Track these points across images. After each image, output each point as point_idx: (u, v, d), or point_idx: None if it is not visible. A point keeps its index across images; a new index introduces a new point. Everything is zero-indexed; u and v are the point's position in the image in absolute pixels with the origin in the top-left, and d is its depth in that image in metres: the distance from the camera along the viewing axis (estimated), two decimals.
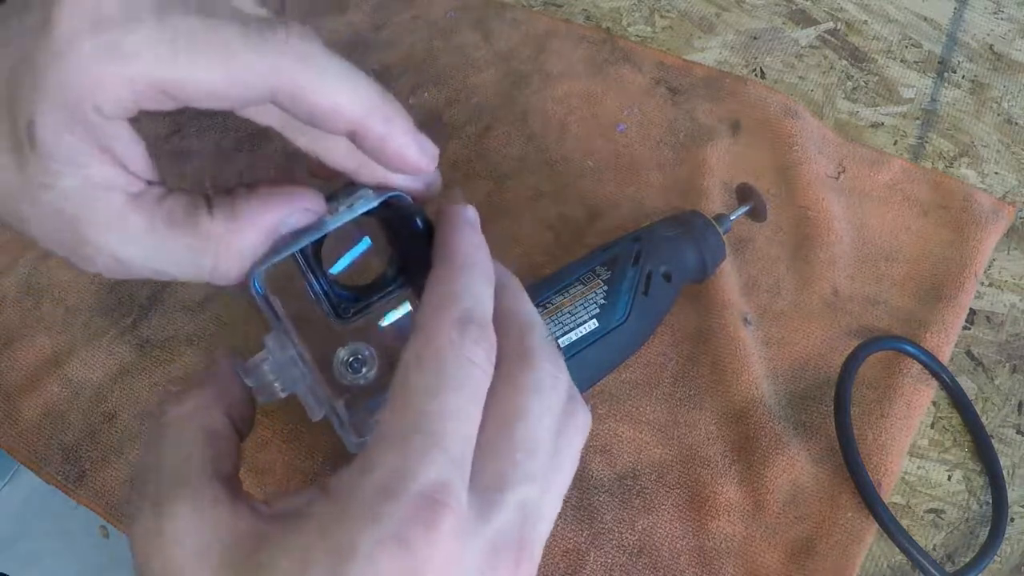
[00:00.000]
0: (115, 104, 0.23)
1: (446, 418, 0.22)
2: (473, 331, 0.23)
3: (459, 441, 0.22)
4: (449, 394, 0.22)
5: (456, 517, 0.21)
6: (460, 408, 0.22)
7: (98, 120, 0.23)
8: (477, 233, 0.27)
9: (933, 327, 0.44)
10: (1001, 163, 0.51)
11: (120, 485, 0.41)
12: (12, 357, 0.45)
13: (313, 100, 0.24)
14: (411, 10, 0.60)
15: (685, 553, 0.39)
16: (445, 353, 0.23)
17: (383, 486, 0.21)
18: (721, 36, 0.58)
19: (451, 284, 0.24)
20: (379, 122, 0.26)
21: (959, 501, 0.40)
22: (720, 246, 0.43)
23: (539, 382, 0.24)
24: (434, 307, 0.24)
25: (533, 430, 0.23)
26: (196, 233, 0.25)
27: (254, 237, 0.25)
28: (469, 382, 0.23)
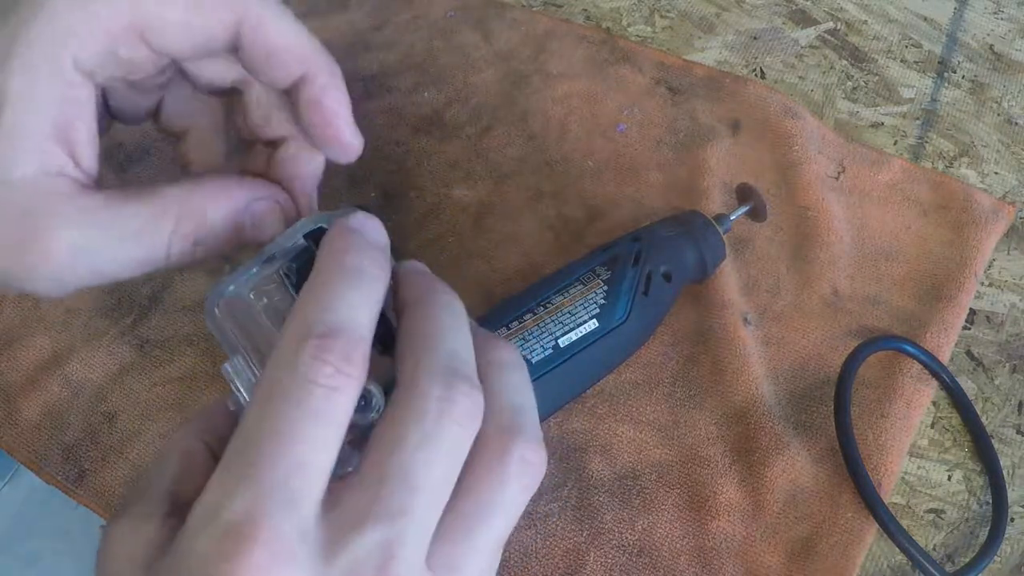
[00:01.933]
0: (92, 53, 0.23)
1: (263, 443, 0.20)
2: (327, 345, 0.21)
3: (278, 467, 0.20)
4: (274, 419, 0.20)
5: (269, 551, 0.19)
6: (284, 432, 0.20)
7: (73, 79, 0.23)
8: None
9: (933, 327, 0.44)
10: (1001, 163, 0.51)
11: (120, 485, 0.41)
12: (12, 357, 0.45)
13: (273, 38, 0.25)
14: (411, 10, 0.60)
15: (685, 553, 0.39)
16: (284, 375, 0.21)
17: (202, 518, 0.20)
18: (721, 36, 0.58)
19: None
20: (325, 71, 0.26)
21: (959, 501, 0.40)
22: (720, 246, 0.43)
23: (421, 409, 0.22)
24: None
25: (408, 460, 0.21)
26: (155, 199, 0.25)
27: (218, 207, 0.25)
28: (310, 404, 0.20)
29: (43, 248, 0.23)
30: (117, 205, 0.24)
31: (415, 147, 0.53)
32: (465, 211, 0.50)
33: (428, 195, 0.50)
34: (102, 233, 0.24)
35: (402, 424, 0.21)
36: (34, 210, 0.23)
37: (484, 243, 0.48)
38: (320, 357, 0.21)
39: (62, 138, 0.24)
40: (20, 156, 0.23)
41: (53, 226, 0.23)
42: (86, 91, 0.24)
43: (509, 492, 0.23)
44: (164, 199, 0.25)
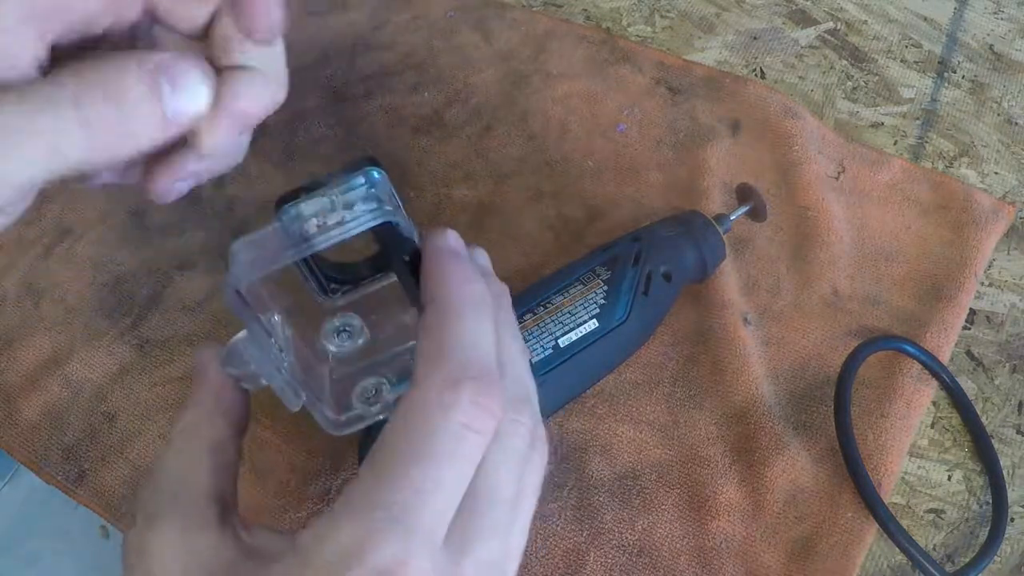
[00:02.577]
0: None
1: (420, 492, 0.21)
2: (468, 390, 0.21)
3: (430, 516, 0.21)
4: (428, 466, 0.21)
5: None
6: (440, 481, 0.21)
7: None
8: (465, 264, 0.25)
9: (933, 327, 0.44)
10: (1001, 163, 0.51)
11: (120, 485, 0.41)
12: (12, 357, 0.45)
13: None
14: (411, 10, 0.60)
15: (685, 553, 0.39)
16: (432, 418, 0.21)
17: (343, 555, 0.20)
18: (721, 36, 0.58)
19: (443, 333, 0.23)
20: None
21: (959, 501, 0.40)
22: (720, 246, 0.43)
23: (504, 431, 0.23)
24: (426, 360, 0.22)
25: (492, 483, 0.22)
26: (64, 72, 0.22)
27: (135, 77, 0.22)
28: (458, 450, 0.21)
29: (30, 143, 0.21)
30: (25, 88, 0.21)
31: (415, 147, 0.53)
32: (465, 211, 0.50)
33: (428, 195, 0.50)
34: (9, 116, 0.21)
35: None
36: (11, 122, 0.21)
37: (484, 243, 0.47)
38: (478, 403, 0.21)
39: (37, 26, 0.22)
40: None
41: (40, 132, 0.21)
42: None
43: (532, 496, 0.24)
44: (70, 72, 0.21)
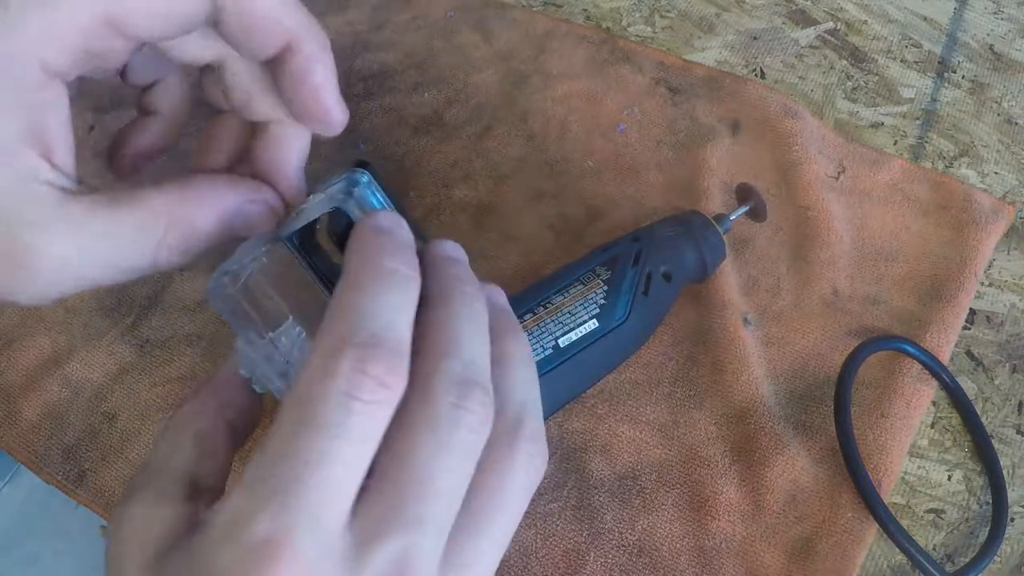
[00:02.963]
0: (62, 52, 0.22)
1: (302, 464, 0.20)
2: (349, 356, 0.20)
3: (316, 492, 0.20)
4: (310, 435, 0.20)
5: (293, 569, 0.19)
6: (325, 453, 0.20)
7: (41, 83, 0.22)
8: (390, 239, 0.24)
9: (933, 327, 0.44)
10: (1001, 163, 0.51)
11: (120, 485, 0.41)
12: (12, 357, 0.45)
13: (255, 6, 0.24)
14: (411, 10, 0.60)
15: (685, 553, 0.39)
16: (313, 385, 0.20)
17: (225, 529, 0.20)
18: (721, 36, 0.58)
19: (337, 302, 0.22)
20: (311, 40, 0.25)
21: (959, 501, 0.40)
22: (720, 246, 0.43)
23: (435, 416, 0.21)
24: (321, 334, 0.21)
25: (417, 471, 0.21)
26: (143, 206, 0.24)
27: (207, 214, 0.25)
28: (344, 421, 0.20)
29: (26, 261, 0.22)
30: (102, 212, 0.23)
31: (415, 147, 0.53)
32: (465, 211, 0.50)
33: (428, 195, 0.50)
34: (87, 242, 0.23)
35: (417, 432, 0.21)
36: (14, 221, 0.22)
37: (484, 243, 0.48)
38: (361, 369, 0.20)
39: (34, 142, 0.22)
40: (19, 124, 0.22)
41: (36, 237, 0.22)
42: (55, 92, 0.23)
43: (515, 488, 0.22)
44: (152, 206, 0.24)
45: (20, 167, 0.22)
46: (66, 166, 0.23)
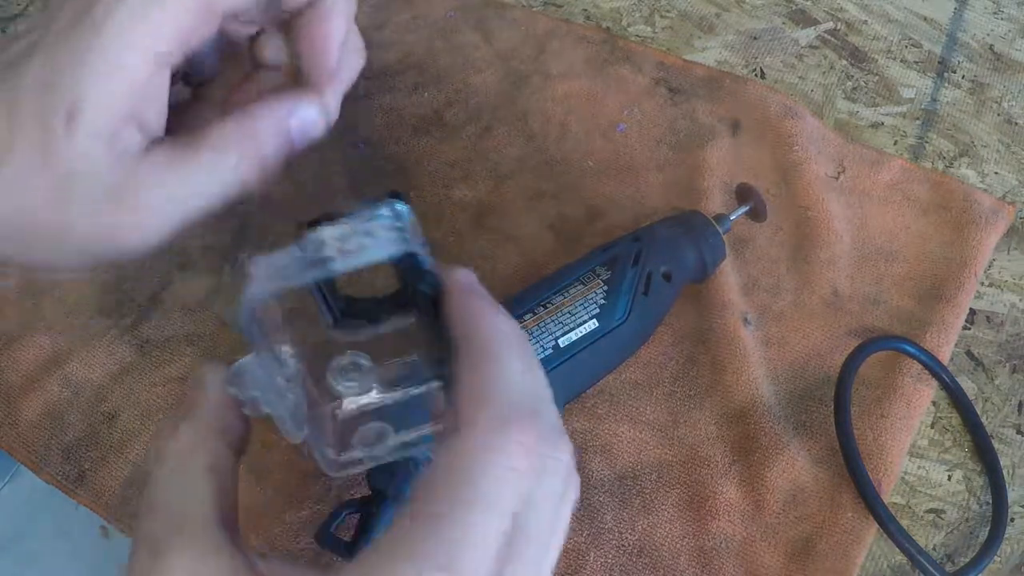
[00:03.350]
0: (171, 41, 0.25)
1: (467, 540, 0.20)
2: (515, 431, 0.21)
3: (475, 562, 0.20)
4: (475, 512, 0.20)
5: None
6: (487, 527, 0.20)
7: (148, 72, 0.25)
8: (493, 302, 0.25)
9: (933, 327, 0.44)
10: (1001, 163, 0.51)
11: (120, 485, 0.41)
12: (12, 357, 0.45)
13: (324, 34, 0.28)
14: (411, 10, 0.60)
15: (685, 553, 0.39)
16: (480, 461, 0.20)
17: None
18: (721, 36, 0.58)
19: (484, 373, 0.22)
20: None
21: (959, 501, 0.40)
22: (720, 246, 0.43)
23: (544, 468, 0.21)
24: (469, 402, 0.22)
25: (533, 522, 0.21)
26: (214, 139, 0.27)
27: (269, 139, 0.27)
28: (504, 493, 0.20)
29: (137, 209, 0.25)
30: (185, 154, 0.26)
31: (415, 147, 0.53)
32: (465, 211, 0.50)
33: (428, 195, 0.50)
34: (182, 180, 0.26)
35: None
36: (118, 185, 0.25)
37: (484, 243, 0.48)
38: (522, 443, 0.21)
39: (135, 122, 0.26)
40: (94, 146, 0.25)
41: (139, 190, 0.25)
42: (160, 78, 0.26)
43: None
44: (223, 135, 0.27)
45: (122, 144, 0.25)
46: (157, 130, 0.27)
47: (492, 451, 0.20)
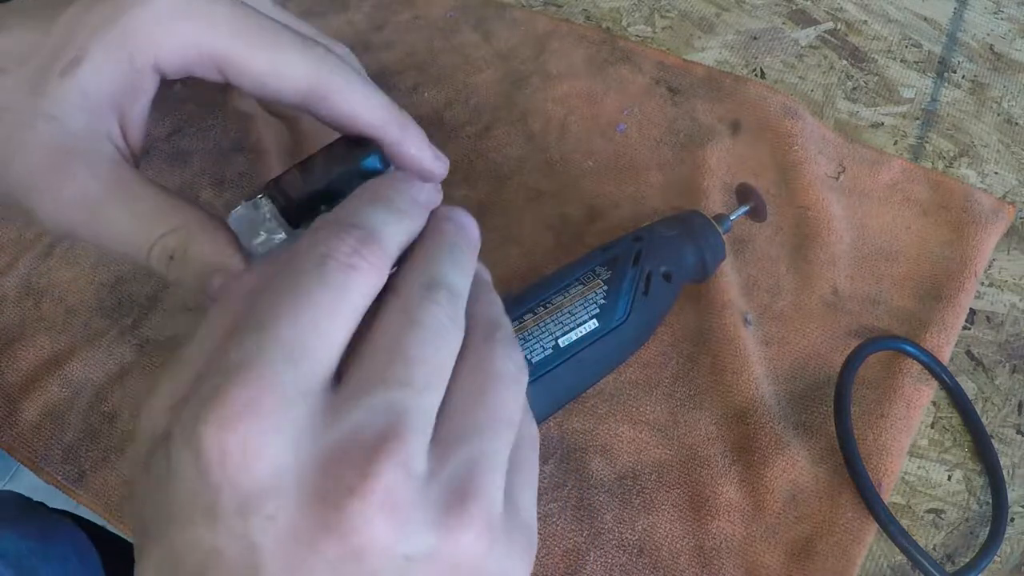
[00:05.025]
0: (173, 60, 0.26)
1: (272, 302, 0.20)
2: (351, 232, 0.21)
3: (283, 324, 0.20)
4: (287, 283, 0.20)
5: (265, 391, 0.19)
6: (295, 294, 0.20)
7: (145, 71, 0.26)
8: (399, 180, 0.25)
9: (933, 327, 0.44)
10: (1001, 163, 0.51)
11: (120, 485, 0.41)
12: (12, 357, 0.45)
13: (340, 108, 0.27)
14: (411, 10, 0.60)
15: (685, 553, 0.39)
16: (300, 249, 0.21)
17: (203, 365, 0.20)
18: (721, 36, 0.58)
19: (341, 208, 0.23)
20: (395, 129, 0.28)
21: (959, 501, 0.40)
22: (720, 246, 0.43)
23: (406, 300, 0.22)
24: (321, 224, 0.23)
25: (400, 341, 0.21)
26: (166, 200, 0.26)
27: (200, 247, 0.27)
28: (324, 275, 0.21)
29: (64, 183, 0.25)
30: (139, 184, 0.26)
31: None
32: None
33: None
34: (113, 198, 0.25)
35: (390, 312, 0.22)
36: (72, 151, 0.25)
37: (484, 243, 0.48)
38: (341, 237, 0.21)
39: (118, 109, 0.26)
40: (77, 104, 0.25)
41: (82, 170, 0.25)
42: (152, 83, 0.27)
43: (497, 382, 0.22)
44: (169, 208, 0.26)
45: (97, 121, 0.26)
46: (135, 142, 0.27)
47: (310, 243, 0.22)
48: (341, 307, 0.21)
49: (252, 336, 0.19)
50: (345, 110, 0.27)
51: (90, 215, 0.25)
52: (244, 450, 0.18)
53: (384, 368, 0.20)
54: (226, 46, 0.26)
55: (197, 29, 0.26)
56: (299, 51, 0.27)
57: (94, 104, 0.26)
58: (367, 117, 0.28)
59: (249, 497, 0.18)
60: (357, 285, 0.21)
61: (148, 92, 0.27)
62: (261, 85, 0.27)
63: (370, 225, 0.22)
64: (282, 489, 0.18)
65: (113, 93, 0.26)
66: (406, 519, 0.19)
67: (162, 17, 0.25)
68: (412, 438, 0.19)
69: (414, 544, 0.19)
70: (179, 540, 0.19)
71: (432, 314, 0.22)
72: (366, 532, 0.18)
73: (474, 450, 0.20)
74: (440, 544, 0.19)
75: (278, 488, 0.18)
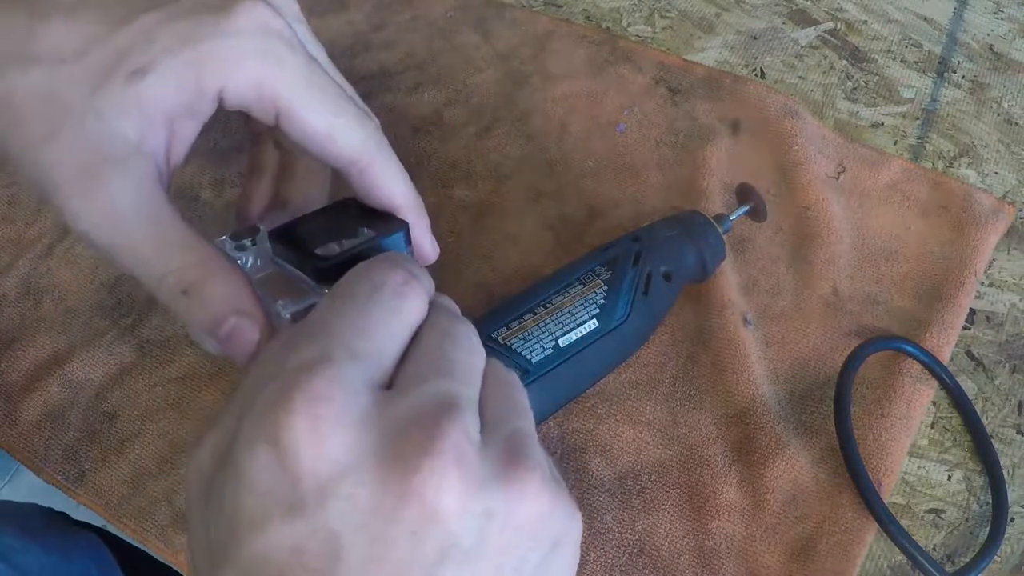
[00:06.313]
0: (237, 93, 0.26)
1: (332, 314, 0.22)
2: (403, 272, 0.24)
3: (345, 329, 0.22)
4: (345, 300, 0.23)
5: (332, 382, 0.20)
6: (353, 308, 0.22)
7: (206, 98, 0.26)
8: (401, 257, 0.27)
9: (933, 327, 0.44)
10: (1001, 163, 0.51)
11: (120, 485, 0.41)
12: (12, 357, 0.45)
13: (377, 181, 0.29)
14: (411, 10, 0.60)
15: (685, 553, 0.39)
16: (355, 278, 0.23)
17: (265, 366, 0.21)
18: (721, 36, 0.58)
19: None
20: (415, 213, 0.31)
21: (959, 501, 0.40)
22: (720, 246, 0.43)
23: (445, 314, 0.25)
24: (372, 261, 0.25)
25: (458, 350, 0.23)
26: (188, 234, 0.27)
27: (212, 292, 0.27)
28: (381, 296, 0.23)
29: (95, 187, 0.25)
30: (168, 210, 0.26)
31: (415, 147, 0.53)
32: (465, 211, 0.50)
33: (428, 195, 0.50)
34: (140, 216, 0.25)
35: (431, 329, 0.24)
36: (112, 158, 0.25)
37: (484, 243, 0.48)
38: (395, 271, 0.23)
39: (170, 127, 0.26)
40: (133, 113, 0.25)
41: (117, 180, 0.25)
42: (210, 109, 0.27)
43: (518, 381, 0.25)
44: (193, 241, 0.26)
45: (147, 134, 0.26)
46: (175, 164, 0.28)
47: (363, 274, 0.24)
48: (394, 322, 0.23)
49: (315, 342, 0.21)
50: (380, 185, 0.29)
51: (112, 226, 0.25)
52: (319, 435, 0.19)
53: (431, 366, 0.22)
54: (291, 97, 0.27)
55: (270, 73, 0.26)
56: (355, 122, 0.28)
57: (149, 117, 0.26)
58: (399, 197, 0.30)
59: (328, 480, 0.19)
60: (408, 308, 0.23)
61: (204, 116, 0.27)
62: (310, 140, 0.28)
63: (414, 270, 0.24)
64: (358, 466, 0.19)
65: (171, 111, 0.26)
66: (475, 476, 0.20)
67: (242, 51, 0.26)
68: (467, 410, 0.21)
69: (486, 501, 0.20)
70: (256, 551, 0.19)
71: (463, 331, 0.24)
72: (443, 490, 0.19)
73: (514, 426, 0.22)
74: (508, 500, 0.20)
75: (354, 466, 0.19)
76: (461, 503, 0.19)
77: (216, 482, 0.21)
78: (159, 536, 0.40)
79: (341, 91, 0.28)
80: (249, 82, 0.26)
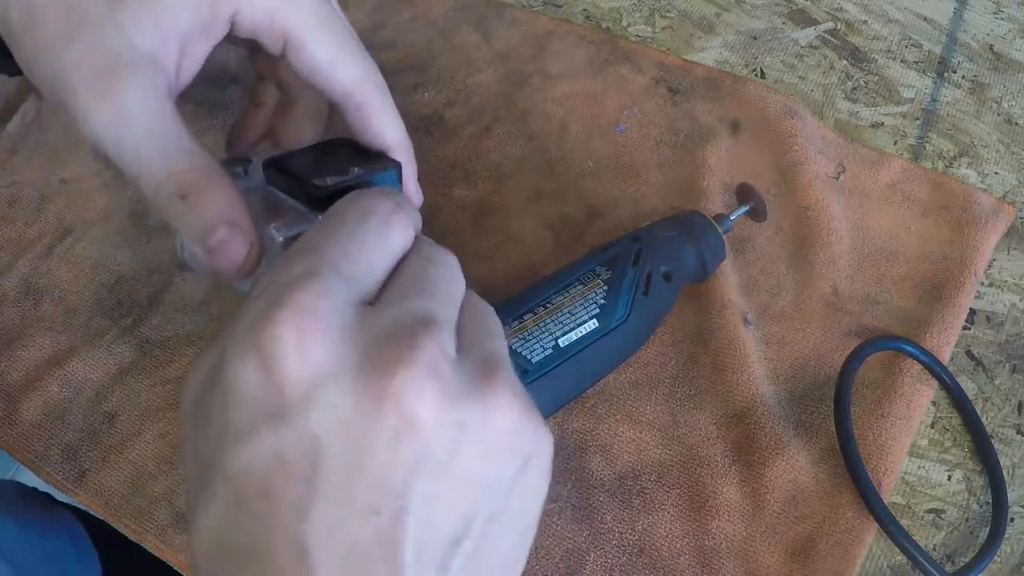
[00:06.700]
0: (249, 19, 0.28)
1: (321, 236, 0.23)
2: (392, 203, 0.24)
3: (334, 250, 0.22)
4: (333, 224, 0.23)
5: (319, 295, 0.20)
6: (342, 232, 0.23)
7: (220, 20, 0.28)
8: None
9: (933, 327, 0.44)
10: (1001, 163, 0.51)
11: (120, 485, 0.41)
12: (12, 357, 0.45)
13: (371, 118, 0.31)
14: (411, 10, 0.60)
15: (685, 553, 0.39)
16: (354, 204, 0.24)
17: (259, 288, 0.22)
18: (721, 36, 0.58)
19: None
20: (406, 154, 0.32)
21: (959, 501, 0.40)
22: (720, 246, 0.43)
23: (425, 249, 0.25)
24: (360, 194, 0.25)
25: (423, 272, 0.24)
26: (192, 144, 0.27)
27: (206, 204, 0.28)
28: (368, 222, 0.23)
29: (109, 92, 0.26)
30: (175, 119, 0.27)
31: (415, 147, 0.52)
32: (465, 211, 0.50)
33: (428, 195, 0.50)
34: (149, 121, 0.26)
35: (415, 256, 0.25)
36: (128, 65, 0.26)
37: (484, 243, 0.48)
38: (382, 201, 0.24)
39: (183, 45, 0.27)
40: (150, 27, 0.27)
41: (131, 87, 0.26)
42: (222, 32, 0.28)
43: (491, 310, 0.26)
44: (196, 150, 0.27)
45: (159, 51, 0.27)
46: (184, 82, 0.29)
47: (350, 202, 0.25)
48: (380, 246, 0.24)
49: (303, 260, 0.22)
50: (374, 123, 0.31)
51: (121, 127, 0.26)
52: (304, 345, 0.20)
53: (413, 287, 0.23)
54: (300, 27, 0.28)
55: (283, 3, 0.28)
56: (358, 57, 0.30)
57: (165, 32, 0.27)
58: (391, 136, 0.31)
59: (312, 387, 0.20)
60: (395, 235, 0.24)
61: (215, 38, 0.28)
62: (314, 71, 0.29)
63: (403, 203, 0.25)
64: (340, 375, 0.20)
65: (186, 29, 0.27)
66: (450, 389, 0.20)
67: None
68: (443, 326, 0.22)
69: (459, 413, 0.20)
70: (243, 460, 0.20)
71: (445, 259, 0.25)
72: (418, 397, 0.20)
73: (488, 347, 0.23)
74: (481, 412, 0.21)
75: (337, 374, 0.20)
76: (435, 413, 0.20)
77: (205, 400, 0.21)
78: (159, 536, 0.40)
79: (347, 28, 0.30)
80: (262, 9, 0.28)
